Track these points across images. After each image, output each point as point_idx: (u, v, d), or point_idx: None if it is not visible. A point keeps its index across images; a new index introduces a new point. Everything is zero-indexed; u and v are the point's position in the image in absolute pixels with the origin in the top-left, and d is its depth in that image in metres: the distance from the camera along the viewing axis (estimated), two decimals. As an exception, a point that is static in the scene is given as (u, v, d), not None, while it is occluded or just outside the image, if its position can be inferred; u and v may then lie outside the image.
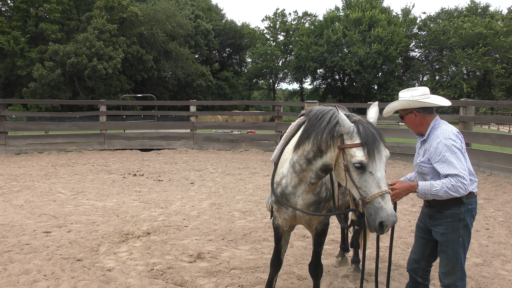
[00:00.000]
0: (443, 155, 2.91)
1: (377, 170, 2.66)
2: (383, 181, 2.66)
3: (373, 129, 2.75)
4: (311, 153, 3.04)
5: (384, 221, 2.59)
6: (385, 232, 2.64)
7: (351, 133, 2.74)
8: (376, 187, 2.64)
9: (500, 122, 34.31)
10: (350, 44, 50.91)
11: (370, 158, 2.65)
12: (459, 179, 2.83)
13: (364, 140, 2.68)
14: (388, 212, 2.59)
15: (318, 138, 2.94)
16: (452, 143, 2.93)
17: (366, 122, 2.81)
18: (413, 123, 3.18)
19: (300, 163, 3.14)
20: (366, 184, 2.66)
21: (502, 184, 9.52)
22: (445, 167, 2.89)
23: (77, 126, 17.51)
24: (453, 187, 2.82)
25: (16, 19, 40.51)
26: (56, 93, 39.22)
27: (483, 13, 52.27)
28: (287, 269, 4.69)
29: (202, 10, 59.24)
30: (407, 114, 3.17)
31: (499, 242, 5.68)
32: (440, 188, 2.84)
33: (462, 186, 2.82)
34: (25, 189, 8.97)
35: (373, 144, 2.67)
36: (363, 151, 2.67)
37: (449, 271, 3.06)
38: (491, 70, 43.75)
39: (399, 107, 3.21)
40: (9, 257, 4.97)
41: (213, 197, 8.40)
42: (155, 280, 4.40)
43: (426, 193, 2.89)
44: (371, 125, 2.78)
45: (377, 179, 2.65)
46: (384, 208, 2.59)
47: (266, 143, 16.31)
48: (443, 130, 3.03)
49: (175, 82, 50.69)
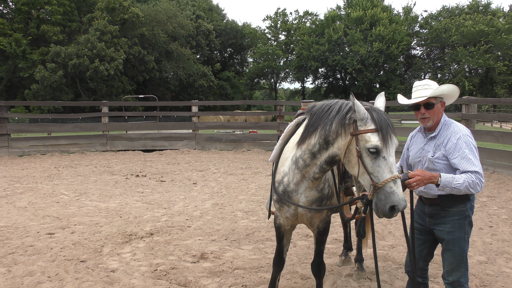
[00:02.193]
0: (463, 151, 2.92)
1: (390, 155, 2.71)
2: (394, 167, 2.70)
3: (386, 116, 2.80)
4: (316, 146, 3.04)
5: (396, 205, 2.62)
6: (394, 216, 2.68)
7: (365, 119, 2.77)
8: (388, 172, 2.67)
9: (503, 120, 34.18)
10: (351, 43, 50.82)
11: (385, 143, 2.69)
12: (478, 176, 2.85)
13: (379, 125, 2.72)
14: (400, 197, 2.62)
15: (327, 129, 2.94)
16: (471, 141, 2.96)
17: (378, 109, 2.85)
18: (438, 114, 3.11)
19: (304, 158, 3.14)
20: (379, 169, 2.69)
21: (505, 182, 9.49)
22: (465, 163, 2.90)
23: (79, 127, 17.53)
24: (473, 183, 2.83)
25: (17, 21, 40.57)
26: (58, 94, 39.27)
27: (484, 11, 52.08)
28: (290, 269, 4.69)
29: (203, 10, 59.20)
30: (438, 103, 3.10)
31: (503, 239, 5.67)
32: (462, 182, 2.82)
33: (480, 183, 2.85)
34: (28, 190, 9.00)
35: (387, 129, 2.72)
36: (378, 136, 2.70)
37: (454, 268, 3.04)
38: (493, 68, 43.62)
39: (447, 92, 3.10)
40: (13, 259, 4.98)
41: (215, 197, 8.40)
42: (159, 280, 4.40)
43: (447, 186, 2.85)
44: (383, 112, 2.83)
45: (390, 164, 2.69)
46: (396, 192, 2.63)
47: (268, 142, 16.30)
48: (459, 127, 3.05)
49: (177, 82, 50.69)
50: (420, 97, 3.09)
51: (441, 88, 3.06)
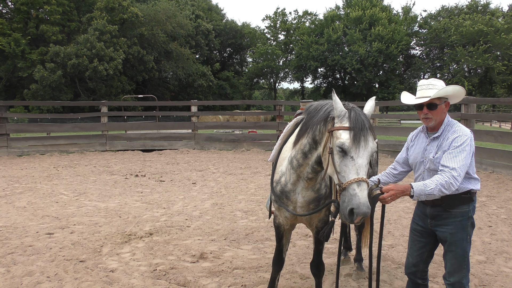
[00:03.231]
0: (453, 148, 2.90)
1: (359, 156, 2.62)
2: (362, 169, 2.60)
3: (365, 118, 2.73)
4: (307, 146, 3.04)
5: (355, 208, 2.50)
6: (355, 222, 2.53)
7: (341, 117, 2.75)
8: (354, 173, 2.59)
9: (502, 120, 34.23)
10: (350, 42, 50.85)
11: (354, 142, 2.62)
12: (452, 173, 2.79)
13: (353, 124, 2.67)
14: (361, 201, 2.50)
15: (314, 128, 2.95)
16: (468, 142, 2.92)
17: (360, 110, 2.79)
18: (441, 115, 3.06)
19: (297, 157, 3.15)
20: (346, 169, 2.63)
21: (504, 182, 9.50)
22: (447, 158, 2.87)
23: (78, 127, 17.52)
24: (446, 183, 2.78)
25: (17, 21, 40.54)
26: (57, 94, 39.25)
27: (483, 11, 52.14)
28: (290, 268, 4.69)
29: (202, 10, 59.21)
30: (442, 103, 3.03)
31: (502, 239, 5.67)
32: (434, 187, 2.78)
33: (454, 183, 2.79)
34: (28, 190, 8.99)
35: (360, 130, 2.65)
36: (349, 134, 2.65)
37: (456, 270, 3.02)
38: (492, 68, 43.65)
39: (451, 93, 3.04)
40: (12, 258, 4.98)
41: (215, 197, 8.40)
42: (158, 280, 4.40)
43: (421, 194, 2.80)
44: (363, 114, 2.76)
45: (357, 165, 2.60)
46: (358, 195, 2.51)
47: (267, 142, 16.31)
48: (461, 127, 3.02)
49: (176, 82, 50.69)
50: (424, 97, 3.03)
51: (446, 89, 2.98)
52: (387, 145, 13.86)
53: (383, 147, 13.73)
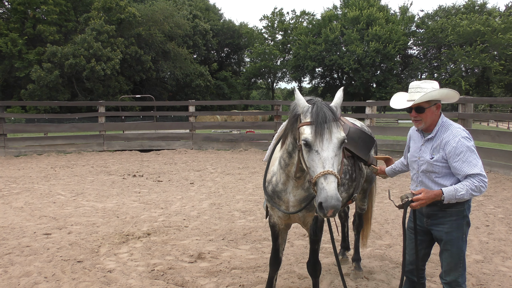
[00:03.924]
0: (463, 154, 2.90)
1: (324, 150, 2.62)
2: (328, 162, 2.58)
3: (327, 110, 2.74)
4: (290, 146, 3.08)
5: (323, 202, 2.49)
6: (327, 215, 2.52)
7: (305, 112, 2.78)
8: (321, 167, 2.59)
9: (499, 119, 34.37)
10: (348, 42, 50.94)
11: (317, 136, 2.64)
12: (481, 178, 2.84)
13: (314, 118, 2.69)
14: (328, 194, 2.47)
15: (292, 127, 3.00)
16: (470, 143, 2.94)
17: (323, 103, 2.81)
18: (432, 117, 3.07)
19: (284, 157, 3.19)
20: (313, 163, 2.64)
21: (501, 181, 9.53)
22: (466, 167, 2.88)
23: (76, 127, 17.47)
24: (477, 187, 2.83)
25: (13, 21, 40.42)
26: (54, 94, 39.14)
27: (480, 10, 52.30)
28: (287, 268, 4.69)
29: (200, 10, 59.18)
30: (430, 106, 3.04)
31: (499, 238, 5.69)
32: (465, 192, 2.83)
33: (483, 185, 2.84)
34: (25, 191, 8.97)
35: (322, 123, 2.66)
36: (311, 128, 2.68)
37: (452, 268, 3.04)
38: (489, 67, 43.83)
39: (437, 97, 3.05)
40: (9, 259, 4.97)
41: (213, 197, 8.40)
42: (156, 280, 4.40)
43: (452, 199, 2.86)
44: (326, 106, 2.77)
45: (323, 158, 2.60)
46: (325, 189, 2.50)
47: (265, 142, 16.29)
48: (458, 129, 3.01)
49: (174, 82, 50.64)
50: (411, 101, 3.09)
51: (431, 93, 2.99)
52: (384, 144, 13.87)
53: (381, 147, 13.73)
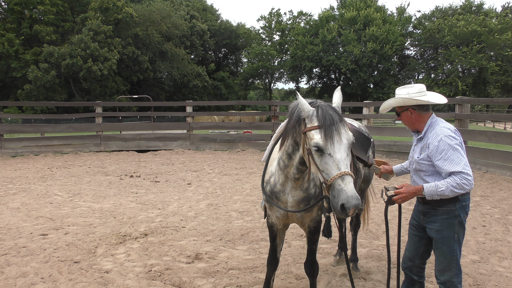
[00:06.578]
0: (445, 153, 2.94)
1: (336, 152, 2.67)
2: (343, 163, 2.64)
3: (333, 112, 2.77)
4: (290, 148, 3.09)
5: (345, 203, 2.55)
6: (349, 214, 2.58)
7: (310, 117, 2.79)
8: (336, 169, 2.63)
9: (496, 120, 34.47)
10: (345, 43, 51.01)
11: (327, 140, 2.67)
12: (463, 175, 2.86)
13: (322, 122, 2.72)
14: (349, 194, 2.55)
15: (292, 130, 3.01)
16: (453, 141, 2.96)
17: (327, 105, 2.83)
18: (409, 121, 3.21)
19: (283, 158, 3.20)
20: (327, 167, 2.68)
21: (498, 181, 9.56)
22: (448, 165, 2.92)
23: (73, 128, 17.42)
24: (458, 185, 2.86)
25: (10, 21, 40.30)
26: (51, 95, 39.03)
27: (477, 11, 52.50)
28: (285, 269, 4.69)
29: (197, 10, 59.14)
30: (403, 111, 3.21)
31: (496, 239, 5.70)
32: (445, 188, 2.87)
33: (466, 182, 2.86)
34: (22, 191, 8.94)
35: (331, 126, 2.69)
36: (321, 133, 2.70)
37: (445, 268, 3.07)
38: (486, 68, 43.96)
39: (395, 105, 3.25)
40: (6, 260, 4.95)
41: (210, 197, 8.39)
42: (153, 281, 4.39)
43: (433, 195, 2.93)
44: (331, 108, 2.80)
45: (337, 160, 2.64)
46: (344, 190, 2.56)
47: (263, 143, 16.31)
48: (442, 128, 3.05)
49: (171, 83, 50.57)
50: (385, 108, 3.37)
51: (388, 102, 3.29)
52: (381, 145, 13.89)
53: (378, 147, 13.76)
